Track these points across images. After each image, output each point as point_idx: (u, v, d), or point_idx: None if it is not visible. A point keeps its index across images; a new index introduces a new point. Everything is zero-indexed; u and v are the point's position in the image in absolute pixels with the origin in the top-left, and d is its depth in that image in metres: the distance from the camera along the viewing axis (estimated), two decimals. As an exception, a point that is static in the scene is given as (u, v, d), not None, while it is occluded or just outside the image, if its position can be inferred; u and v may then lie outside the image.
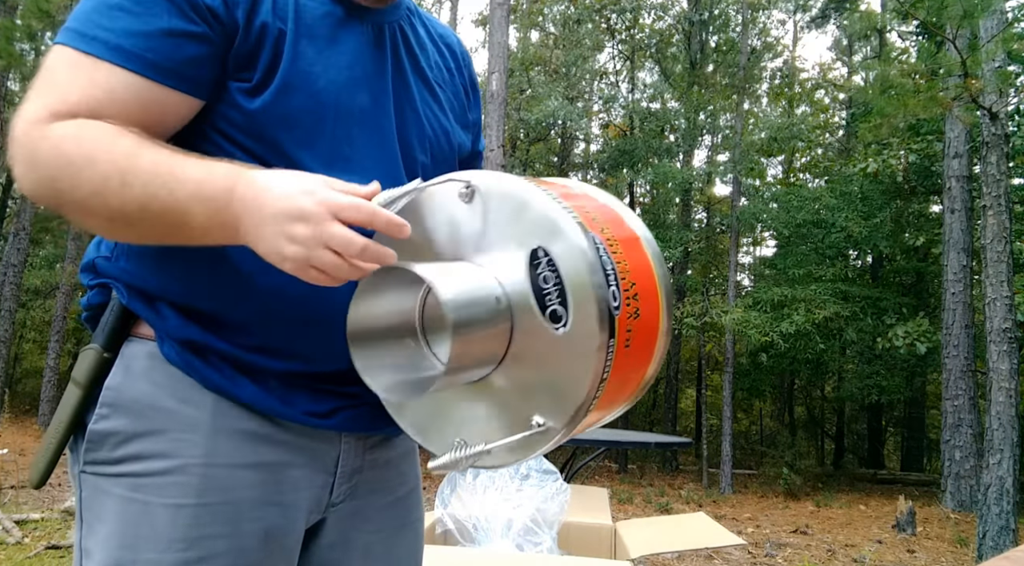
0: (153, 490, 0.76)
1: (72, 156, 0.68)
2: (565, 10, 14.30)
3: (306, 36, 0.80)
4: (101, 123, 0.70)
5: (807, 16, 16.40)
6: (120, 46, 0.71)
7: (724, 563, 5.40)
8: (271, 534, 0.80)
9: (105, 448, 0.78)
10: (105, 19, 0.72)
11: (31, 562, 3.95)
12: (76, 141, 0.68)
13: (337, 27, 0.83)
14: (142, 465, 0.77)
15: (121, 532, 0.76)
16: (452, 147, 0.96)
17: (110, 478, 0.78)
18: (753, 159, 13.01)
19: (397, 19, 0.91)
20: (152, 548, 0.74)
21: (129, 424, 0.78)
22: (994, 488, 5.57)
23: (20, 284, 11.78)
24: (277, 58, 0.78)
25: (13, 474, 6.64)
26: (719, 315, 10.87)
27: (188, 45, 0.74)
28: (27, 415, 13.83)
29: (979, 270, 7.13)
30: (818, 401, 18.69)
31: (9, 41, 8.37)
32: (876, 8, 14.80)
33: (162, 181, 0.67)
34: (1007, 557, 0.93)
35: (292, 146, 0.78)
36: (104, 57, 0.71)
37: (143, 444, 0.77)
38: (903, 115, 6.38)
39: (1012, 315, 5.95)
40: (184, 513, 0.75)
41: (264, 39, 0.78)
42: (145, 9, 0.72)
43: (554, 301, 0.65)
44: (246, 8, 0.77)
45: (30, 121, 0.70)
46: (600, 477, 10.96)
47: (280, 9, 0.79)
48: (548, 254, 0.65)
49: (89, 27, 0.72)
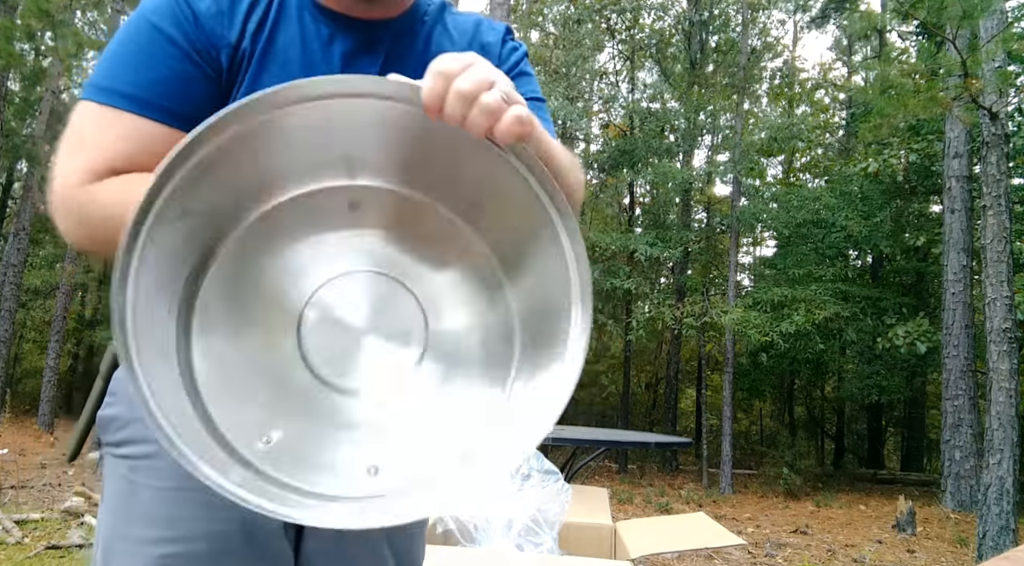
0: (142, 472, 0.82)
1: (122, 211, 0.72)
2: (565, 10, 14.29)
3: (271, 60, 0.82)
4: (142, 175, 0.73)
5: (807, 16, 16.40)
6: (136, 95, 0.76)
7: (724, 563, 5.40)
8: (247, 523, 0.81)
9: (110, 431, 0.86)
10: (119, 70, 0.77)
11: (31, 562, 3.95)
12: (123, 194, 0.71)
13: (318, 49, 0.84)
14: (134, 448, 0.83)
15: (116, 508, 0.83)
16: None
17: (116, 459, 0.86)
18: (753, 159, 13.00)
19: (400, 28, 0.88)
20: (138, 525, 0.81)
21: (126, 410, 0.85)
22: (994, 488, 5.57)
23: (20, 284, 11.77)
24: (238, 89, 0.81)
25: (13, 474, 6.64)
26: (719, 315, 10.87)
27: (196, 87, 0.79)
28: (27, 415, 13.82)
29: (979, 270, 7.13)
30: (818, 401, 18.69)
31: (9, 41, 8.36)
32: (876, 8, 14.80)
33: None
34: (1007, 557, 0.93)
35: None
36: (124, 108, 0.76)
37: (135, 429, 0.83)
38: (903, 115, 6.38)
39: (1012, 315, 5.95)
40: (164, 495, 0.81)
41: (237, 73, 0.81)
42: (155, 55, 0.77)
43: None
44: (228, 53, 0.80)
45: (70, 185, 0.74)
46: (600, 477, 10.96)
47: (252, 33, 0.82)
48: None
49: (109, 80, 0.77)
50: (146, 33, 0.78)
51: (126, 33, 0.79)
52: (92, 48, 10.23)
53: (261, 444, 0.61)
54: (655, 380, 18.80)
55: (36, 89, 11.64)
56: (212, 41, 0.79)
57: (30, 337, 18.62)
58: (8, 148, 10.43)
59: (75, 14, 11.65)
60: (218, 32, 0.80)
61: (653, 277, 14.05)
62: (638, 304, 12.48)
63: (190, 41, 0.78)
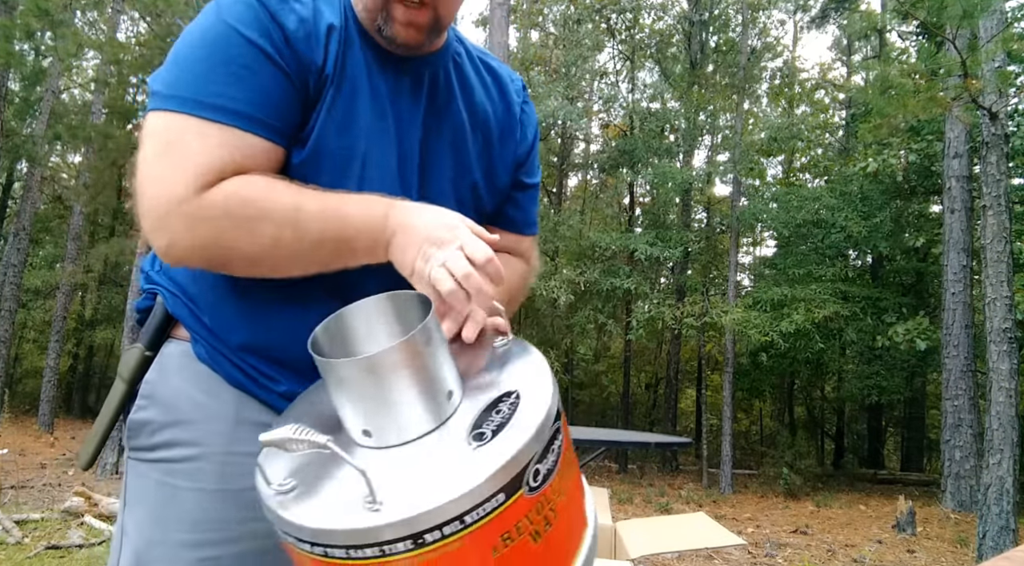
0: (182, 475, 0.83)
1: (245, 215, 0.75)
2: (565, 10, 14.29)
3: (344, 87, 0.83)
4: (254, 177, 0.76)
5: (807, 16, 16.41)
6: (245, 112, 0.76)
7: (724, 563, 5.40)
8: None
9: (143, 436, 0.86)
10: (221, 85, 0.76)
11: (31, 562, 3.95)
12: (242, 202, 0.74)
13: (378, 76, 0.86)
14: (172, 452, 0.84)
15: (153, 513, 0.83)
16: (481, 196, 0.97)
17: (148, 463, 0.85)
18: (753, 159, 13.00)
19: (439, 65, 0.92)
20: (178, 529, 0.81)
21: (161, 414, 0.85)
22: (994, 488, 5.56)
23: (20, 284, 11.77)
24: (319, 112, 0.82)
25: (13, 474, 6.65)
26: (719, 315, 10.87)
27: (291, 103, 0.80)
28: (27, 415, 13.83)
29: (979, 270, 7.13)
30: (818, 401, 18.70)
31: (9, 41, 8.36)
32: (876, 8, 14.81)
33: (333, 221, 0.77)
34: (1007, 557, 0.93)
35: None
36: (234, 124, 0.76)
37: (173, 432, 0.84)
38: (903, 115, 6.38)
39: (1012, 315, 5.95)
40: (206, 497, 0.82)
41: (320, 97, 0.82)
42: (255, 70, 0.77)
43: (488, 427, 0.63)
44: (315, 77, 0.81)
45: (179, 198, 0.73)
46: (600, 477, 10.96)
47: (333, 59, 0.83)
48: (519, 398, 0.66)
49: (209, 96, 0.75)
50: (244, 50, 0.76)
51: (217, 44, 0.77)
52: (92, 48, 10.23)
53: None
54: (655, 380, 18.80)
55: (36, 89, 11.64)
56: (303, 63, 0.79)
57: (30, 337, 18.62)
58: (8, 148, 10.44)
59: (75, 14, 11.65)
60: (308, 55, 0.80)
61: (653, 277, 14.04)
62: (638, 304, 12.47)
63: (284, 59, 0.78)
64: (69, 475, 7.20)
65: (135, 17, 12.77)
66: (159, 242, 0.75)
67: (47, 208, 16.46)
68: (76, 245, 12.84)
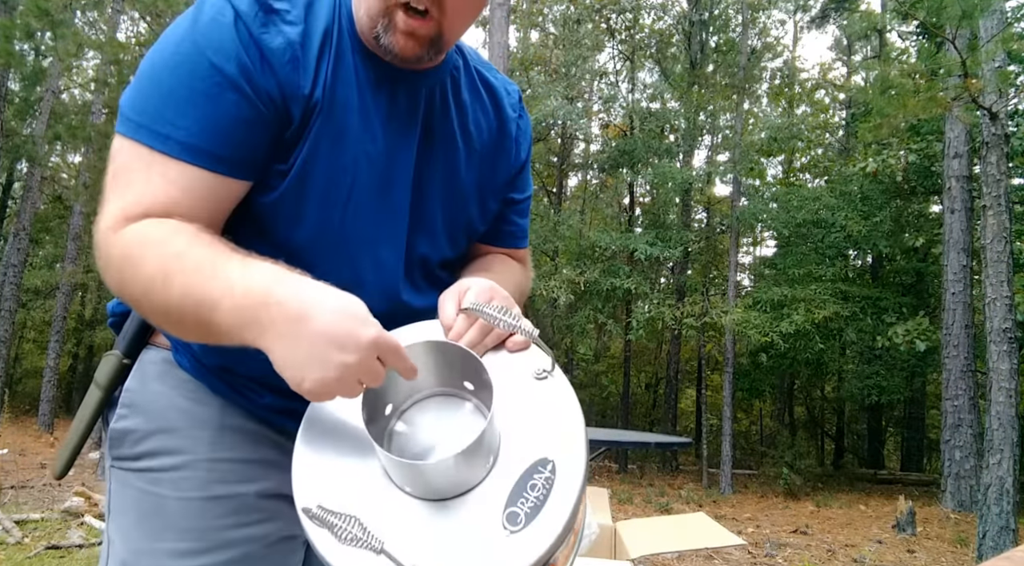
0: (167, 484, 0.81)
1: (132, 258, 0.70)
2: (565, 10, 14.29)
3: (335, 112, 0.79)
4: (163, 223, 0.71)
5: (807, 16, 16.41)
6: (192, 144, 0.72)
7: (724, 563, 5.40)
8: (272, 529, 0.83)
9: (126, 445, 0.84)
10: (173, 112, 0.72)
11: (31, 562, 3.95)
12: (139, 244, 0.70)
13: (370, 95, 0.82)
14: (157, 461, 0.83)
15: (139, 523, 0.82)
16: (472, 220, 0.95)
17: (132, 472, 0.84)
18: (753, 159, 13.00)
19: (436, 83, 0.88)
20: (165, 538, 0.80)
21: (144, 422, 0.84)
22: (994, 488, 5.56)
23: (20, 284, 11.77)
24: (306, 139, 0.78)
25: (13, 474, 6.65)
26: (719, 315, 10.87)
27: (255, 132, 0.75)
28: (27, 415, 13.83)
29: (979, 270, 7.13)
30: (818, 401, 18.70)
31: (9, 41, 8.35)
32: (876, 8, 14.81)
33: (205, 273, 0.67)
34: (1007, 557, 0.93)
35: (287, 225, 0.81)
36: (178, 156, 0.72)
37: (158, 441, 0.83)
38: (903, 115, 6.38)
39: (1012, 315, 5.95)
40: (192, 506, 0.80)
41: (308, 123, 0.78)
42: (213, 98, 0.72)
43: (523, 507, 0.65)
44: (302, 103, 0.77)
45: (108, 228, 0.72)
46: (600, 477, 10.96)
47: (323, 84, 0.78)
48: (555, 470, 0.66)
49: (159, 123, 0.72)
50: (205, 76, 0.72)
51: (180, 67, 0.73)
52: (92, 48, 10.23)
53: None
54: (655, 380, 18.80)
55: (36, 89, 11.63)
56: (284, 89, 0.75)
57: (30, 337, 18.63)
58: (8, 148, 10.43)
59: (75, 14, 11.64)
60: (293, 81, 0.75)
61: (653, 277, 14.04)
62: (638, 304, 12.48)
63: (254, 85, 0.73)
64: (69, 475, 7.20)
65: (135, 17, 12.77)
66: (102, 275, 0.74)
67: (47, 208, 16.46)
68: (76, 245, 12.83)
